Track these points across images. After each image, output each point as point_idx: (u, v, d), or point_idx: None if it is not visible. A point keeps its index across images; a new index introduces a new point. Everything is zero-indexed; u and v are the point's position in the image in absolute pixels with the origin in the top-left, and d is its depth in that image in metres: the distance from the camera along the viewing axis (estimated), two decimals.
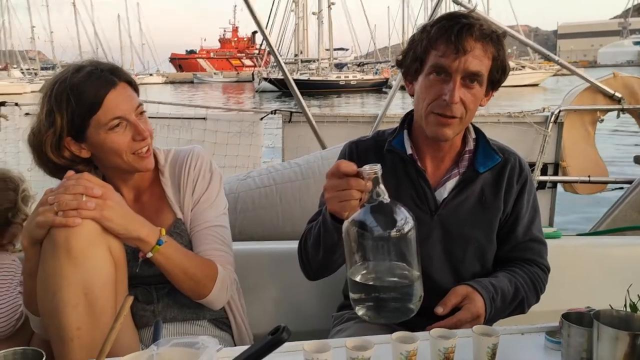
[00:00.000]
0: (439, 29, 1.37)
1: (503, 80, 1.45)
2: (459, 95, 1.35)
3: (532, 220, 1.53)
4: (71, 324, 1.22)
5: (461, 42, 1.33)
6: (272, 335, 0.90)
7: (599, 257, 2.21)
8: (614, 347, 0.97)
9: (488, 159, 1.49)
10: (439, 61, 1.36)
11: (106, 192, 1.28)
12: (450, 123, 1.39)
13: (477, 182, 1.48)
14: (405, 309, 1.12)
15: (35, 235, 1.25)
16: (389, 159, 1.51)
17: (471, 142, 1.52)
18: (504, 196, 1.49)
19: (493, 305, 1.38)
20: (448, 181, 1.49)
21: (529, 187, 1.53)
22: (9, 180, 1.78)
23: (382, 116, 3.42)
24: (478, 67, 1.36)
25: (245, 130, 3.50)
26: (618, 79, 3.45)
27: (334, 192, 1.17)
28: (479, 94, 1.40)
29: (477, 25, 1.34)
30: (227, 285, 1.51)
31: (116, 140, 1.39)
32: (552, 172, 3.53)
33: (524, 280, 1.47)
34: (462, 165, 1.50)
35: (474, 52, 1.34)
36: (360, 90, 39.81)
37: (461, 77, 1.36)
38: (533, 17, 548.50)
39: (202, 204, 1.55)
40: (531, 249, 1.53)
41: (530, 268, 1.51)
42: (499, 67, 1.41)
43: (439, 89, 1.37)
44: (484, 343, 1.11)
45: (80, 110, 1.36)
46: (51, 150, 1.40)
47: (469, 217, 1.47)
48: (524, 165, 1.54)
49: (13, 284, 1.70)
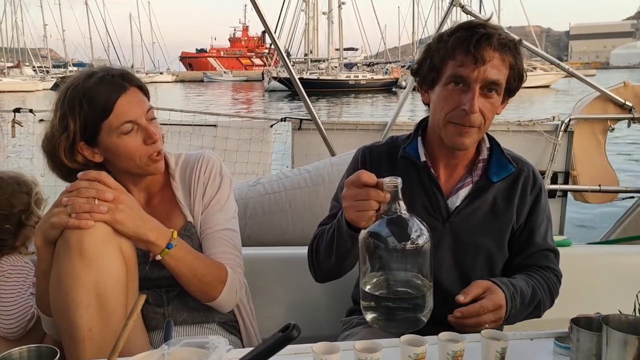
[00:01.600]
0: (457, 39, 1.37)
1: (519, 88, 1.46)
2: (478, 105, 1.36)
3: (547, 230, 1.54)
4: (83, 324, 1.24)
5: (480, 52, 1.33)
6: (282, 333, 0.91)
7: (609, 265, 2.19)
8: (623, 351, 0.98)
9: (502, 168, 1.49)
10: (457, 71, 1.36)
11: (118, 196, 1.30)
12: (469, 132, 1.40)
13: (490, 191, 1.49)
14: (415, 319, 1.14)
15: (48, 236, 1.28)
16: (402, 165, 1.51)
17: (485, 151, 1.52)
18: (517, 206, 1.49)
19: (513, 303, 1.37)
20: (461, 189, 1.49)
21: (543, 197, 1.53)
22: (22, 184, 1.81)
23: (392, 123, 3.43)
24: (497, 76, 1.36)
25: (255, 137, 3.52)
26: (629, 88, 3.43)
27: (353, 202, 1.18)
28: (496, 102, 1.41)
29: (495, 35, 1.35)
30: (237, 288, 1.52)
31: (128, 144, 1.42)
32: (563, 180, 3.51)
33: (541, 285, 1.47)
34: (476, 174, 1.50)
35: (492, 61, 1.35)
36: (370, 90, 39.63)
37: (480, 86, 1.36)
38: (545, 18, 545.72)
39: (212, 207, 1.57)
40: (547, 257, 1.54)
41: (546, 273, 1.51)
42: (516, 76, 1.42)
43: (457, 99, 1.38)
44: (493, 347, 1.11)
45: (92, 114, 1.39)
46: (64, 155, 1.43)
47: (480, 225, 1.47)
48: (537, 175, 1.54)
49: (25, 286, 1.72)
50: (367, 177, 1.17)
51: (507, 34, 1.40)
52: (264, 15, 2.94)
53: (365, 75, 44.39)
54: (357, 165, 1.57)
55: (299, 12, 51.33)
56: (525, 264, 1.53)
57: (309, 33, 54.36)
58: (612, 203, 3.64)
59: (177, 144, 3.38)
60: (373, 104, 29.69)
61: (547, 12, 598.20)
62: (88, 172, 1.32)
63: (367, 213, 1.16)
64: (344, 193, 1.22)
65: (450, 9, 3.20)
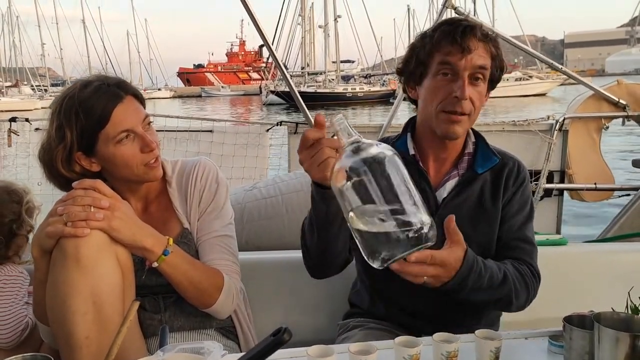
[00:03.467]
0: (442, 33, 1.43)
1: (500, 79, 1.52)
2: (468, 92, 1.41)
3: (524, 223, 1.53)
4: (80, 332, 1.24)
5: (466, 41, 1.39)
6: (273, 337, 0.91)
7: (606, 263, 2.20)
8: (614, 349, 0.98)
9: (486, 160, 1.53)
10: (445, 59, 1.42)
11: (114, 203, 1.31)
12: (460, 120, 1.44)
13: (476, 182, 1.52)
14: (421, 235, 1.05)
15: (44, 245, 1.28)
16: None
17: (471, 145, 1.56)
18: (502, 198, 1.51)
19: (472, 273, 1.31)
20: (447, 182, 1.52)
21: (523, 190, 1.55)
22: (13, 193, 1.81)
23: (388, 126, 3.44)
24: (483, 61, 1.43)
25: (251, 142, 3.53)
26: (622, 86, 3.45)
27: (310, 160, 1.18)
28: (483, 90, 1.47)
29: (478, 27, 1.43)
30: (233, 295, 1.52)
31: (125, 153, 1.42)
32: (558, 179, 3.52)
33: (514, 273, 1.44)
34: (462, 167, 1.54)
35: (477, 50, 1.41)
36: (367, 102, 39.81)
37: (468, 74, 1.41)
38: (539, 27, 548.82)
39: (209, 214, 1.57)
40: (521, 249, 1.51)
41: (520, 266, 1.48)
42: (497, 66, 1.48)
43: (448, 88, 1.42)
44: (487, 347, 1.12)
45: (89, 124, 1.39)
46: (62, 165, 1.43)
47: (468, 217, 1.48)
48: (522, 169, 1.57)
49: (19, 295, 1.73)
50: (314, 133, 1.17)
51: (487, 27, 1.48)
52: (262, 28, 2.95)
53: (363, 87, 44.62)
54: None
55: (295, 26, 51.63)
56: (501, 255, 1.50)
57: (305, 46, 54.56)
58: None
59: (173, 150, 3.38)
60: (370, 116, 29.76)
61: (542, 21, 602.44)
62: (83, 180, 1.32)
63: (327, 162, 1.15)
64: (300, 158, 1.21)
65: (444, 11, 3.22)
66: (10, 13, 64.51)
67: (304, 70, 52.19)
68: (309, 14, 53.90)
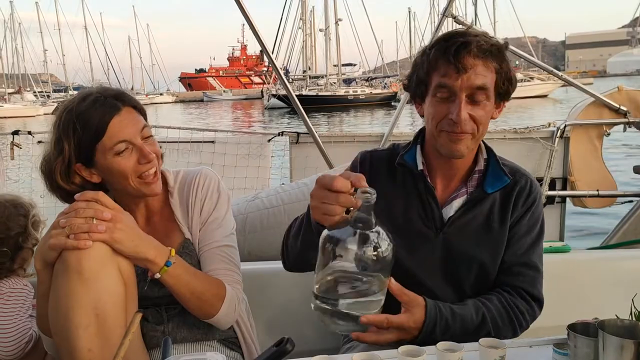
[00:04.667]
0: (437, 51, 1.39)
1: (512, 91, 1.46)
2: (467, 112, 1.37)
3: (531, 245, 1.49)
4: (83, 345, 1.24)
5: (460, 60, 1.34)
6: (276, 347, 0.91)
7: (609, 270, 2.19)
8: (619, 356, 0.98)
9: (497, 180, 1.48)
10: (442, 81, 1.38)
11: (116, 215, 1.31)
12: (462, 138, 1.40)
13: (485, 202, 1.48)
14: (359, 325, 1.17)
15: (47, 258, 1.29)
16: (400, 172, 1.52)
17: (482, 161, 1.51)
18: (511, 218, 1.47)
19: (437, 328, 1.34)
20: (455, 200, 1.48)
21: (533, 210, 1.49)
22: (19, 206, 1.83)
23: (389, 134, 3.44)
24: (482, 81, 1.37)
25: (253, 152, 3.53)
26: (623, 92, 3.44)
27: (320, 203, 1.17)
28: (488, 107, 1.41)
29: (474, 43, 1.35)
30: (235, 305, 1.52)
31: (122, 164, 1.42)
32: (561, 186, 3.51)
33: (498, 311, 1.41)
34: (471, 185, 1.49)
35: (475, 69, 1.35)
36: (369, 105, 39.80)
37: (467, 94, 1.37)
38: (541, 29, 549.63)
39: (210, 224, 1.57)
40: (523, 276, 1.47)
41: (510, 298, 1.44)
42: (504, 79, 1.41)
43: (445, 109, 1.39)
44: (491, 355, 1.11)
45: (86, 136, 1.40)
46: (61, 178, 1.44)
47: (474, 237, 1.46)
48: (534, 188, 1.50)
49: (24, 308, 1.73)
50: (342, 185, 1.14)
51: (490, 39, 1.40)
52: (260, 36, 2.97)
53: (364, 90, 44.66)
54: (357, 168, 1.56)
55: (296, 30, 51.82)
56: (500, 280, 1.48)
57: (306, 50, 54.79)
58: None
59: (175, 161, 3.39)
60: (372, 118, 29.78)
61: (543, 23, 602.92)
62: (85, 192, 1.33)
63: (331, 218, 1.15)
64: (313, 192, 1.20)
65: (443, 20, 3.23)
66: (12, 20, 65.04)
67: (305, 74, 52.31)
68: (309, 18, 54.12)
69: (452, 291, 1.47)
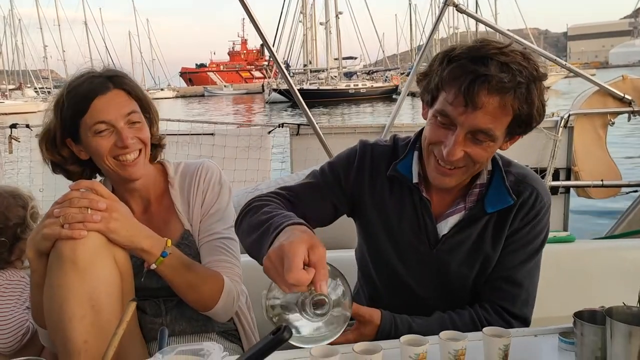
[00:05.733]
0: (453, 71, 1.19)
1: (530, 129, 1.27)
2: (462, 150, 1.22)
3: (522, 262, 1.37)
4: (78, 336, 1.22)
5: (471, 96, 1.15)
6: (273, 335, 0.89)
7: (614, 259, 2.18)
8: (627, 343, 0.96)
9: (499, 199, 1.34)
10: (446, 109, 1.21)
11: (111, 204, 1.29)
12: (452, 174, 1.28)
13: (482, 221, 1.36)
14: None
15: (41, 247, 1.27)
16: (398, 179, 1.41)
17: (485, 175, 1.37)
18: (506, 233, 1.37)
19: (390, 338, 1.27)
20: (451, 216, 1.38)
21: (533, 225, 1.36)
22: (18, 197, 1.82)
23: (390, 126, 3.41)
24: (488, 124, 1.18)
25: (253, 145, 3.51)
26: (627, 81, 3.40)
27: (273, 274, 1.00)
28: (490, 148, 1.24)
29: (495, 79, 1.14)
30: (234, 297, 1.50)
31: (99, 144, 1.42)
32: (565, 177, 3.49)
33: (465, 328, 1.29)
34: (470, 200, 1.37)
35: (486, 108, 1.16)
36: (370, 98, 39.80)
37: (467, 131, 1.21)
38: (542, 20, 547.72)
39: (211, 216, 1.56)
40: (501, 291, 1.37)
41: (484, 315, 1.36)
42: (521, 122, 1.22)
43: (442, 135, 1.24)
44: (495, 344, 1.09)
45: (69, 112, 1.42)
46: (46, 148, 1.46)
47: (467, 254, 1.38)
48: (538, 202, 1.35)
49: (21, 300, 1.72)
50: (297, 281, 0.94)
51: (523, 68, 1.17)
52: (261, 29, 2.94)
53: (365, 83, 44.74)
54: (354, 157, 1.45)
55: (297, 24, 51.80)
56: (481, 292, 1.40)
57: (307, 44, 54.81)
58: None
59: (175, 154, 3.37)
60: (374, 112, 29.78)
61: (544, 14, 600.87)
62: (80, 181, 1.31)
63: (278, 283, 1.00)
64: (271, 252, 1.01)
65: (444, 9, 3.18)
66: (12, 16, 65.11)
67: (306, 68, 52.39)
68: (310, 11, 54.06)
69: (446, 303, 1.41)
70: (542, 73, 1.21)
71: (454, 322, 1.35)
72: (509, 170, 1.38)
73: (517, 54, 1.19)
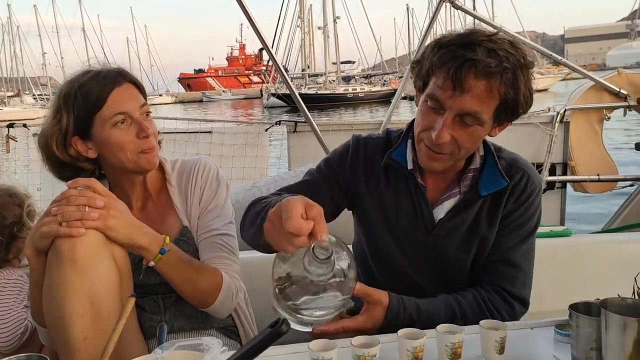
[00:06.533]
0: (442, 56, 1.24)
1: (517, 116, 1.31)
2: (450, 133, 1.26)
3: (517, 244, 1.41)
4: (78, 334, 1.22)
5: (459, 79, 1.20)
6: (271, 328, 0.90)
7: (610, 253, 2.19)
8: (622, 334, 0.96)
9: (492, 182, 1.39)
10: (435, 92, 1.26)
11: (109, 202, 1.29)
12: (439, 158, 1.32)
13: (477, 204, 1.41)
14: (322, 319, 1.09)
15: (39, 246, 1.27)
16: (393, 168, 1.45)
17: (477, 159, 1.42)
18: (500, 215, 1.41)
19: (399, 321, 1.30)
20: (447, 200, 1.42)
21: (527, 207, 1.40)
22: (14, 196, 1.83)
23: (387, 122, 3.42)
24: (475, 107, 1.23)
25: (250, 142, 3.52)
26: (622, 76, 3.41)
27: (274, 233, 1.04)
28: (477, 132, 1.29)
29: (482, 63, 1.19)
30: (233, 294, 1.51)
31: (120, 137, 1.42)
32: (561, 172, 3.50)
33: (470, 308, 1.36)
34: (464, 185, 1.41)
35: (473, 91, 1.21)
36: (368, 102, 39.83)
37: (455, 114, 1.25)
38: (539, 23, 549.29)
39: (209, 212, 1.56)
40: (500, 273, 1.41)
41: (486, 295, 1.39)
42: (508, 107, 1.26)
43: (431, 120, 1.29)
44: (492, 337, 1.10)
45: (85, 106, 1.41)
46: (56, 146, 1.45)
47: (463, 238, 1.41)
48: (529, 185, 1.40)
49: (19, 299, 1.73)
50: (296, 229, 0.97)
51: (511, 54, 1.22)
52: (261, 32, 2.94)
53: (363, 87, 44.81)
54: (347, 152, 1.50)
55: (295, 29, 51.84)
56: (479, 276, 1.43)
57: (305, 48, 54.83)
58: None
59: (172, 152, 3.36)
60: (372, 116, 29.81)
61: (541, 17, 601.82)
62: (77, 179, 1.31)
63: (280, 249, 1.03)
64: (271, 214, 1.06)
65: (440, 6, 3.20)
66: (10, 23, 65.15)
67: (304, 72, 52.45)
68: (307, 16, 54.11)
69: (443, 289, 1.43)
70: (529, 61, 1.26)
71: (459, 302, 1.38)
72: (500, 155, 1.43)
73: (505, 42, 1.24)
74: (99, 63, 1.51)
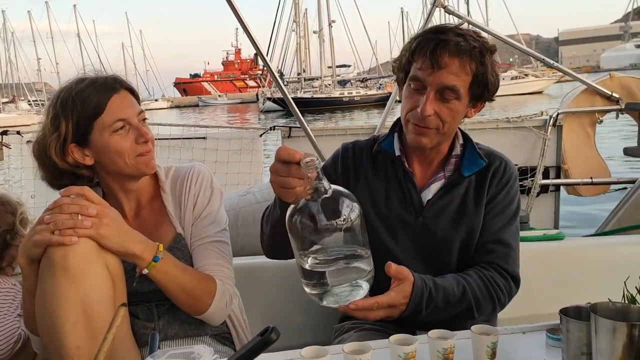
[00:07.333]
0: (419, 43, 1.42)
1: (488, 95, 1.47)
2: (433, 108, 1.40)
3: (506, 224, 1.51)
4: (71, 343, 1.22)
5: (436, 57, 1.37)
6: (261, 336, 0.90)
7: (603, 256, 2.19)
8: (612, 339, 0.97)
9: (473, 163, 1.52)
10: (416, 73, 1.42)
11: (102, 210, 1.29)
12: (426, 133, 1.44)
13: (462, 185, 1.52)
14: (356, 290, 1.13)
15: (32, 254, 1.27)
16: (380, 160, 1.57)
17: (458, 147, 1.56)
18: (486, 197, 1.51)
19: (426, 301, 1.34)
20: (433, 184, 1.53)
21: (508, 190, 1.53)
22: (7, 204, 1.82)
23: (381, 127, 3.43)
24: (453, 81, 1.39)
25: (245, 148, 3.52)
26: (614, 79, 3.44)
27: (277, 176, 1.15)
28: (457, 107, 1.43)
29: (453, 42, 1.37)
30: (227, 301, 1.51)
31: (119, 143, 1.43)
32: (554, 175, 3.51)
33: (477, 285, 1.43)
34: (448, 169, 1.54)
35: (449, 67, 1.38)
36: (364, 106, 39.86)
37: (436, 90, 1.40)
38: (533, 25, 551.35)
39: (203, 219, 1.56)
40: (494, 252, 1.49)
41: (487, 273, 1.46)
42: (480, 83, 1.43)
43: (415, 100, 1.43)
44: (483, 342, 1.11)
45: (85, 113, 1.41)
46: (55, 154, 1.44)
47: (451, 219, 1.50)
48: (508, 168, 1.54)
49: (12, 307, 1.72)
50: (286, 155, 1.12)
51: (476, 39, 1.42)
52: (254, 37, 2.95)
53: (359, 91, 44.76)
54: (337, 159, 1.62)
55: (290, 33, 51.88)
56: (474, 259, 1.50)
57: (300, 52, 54.90)
58: None
59: (167, 158, 3.37)
60: (368, 120, 29.85)
61: (535, 20, 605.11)
62: (70, 188, 1.31)
63: (288, 191, 1.14)
64: (270, 166, 1.18)
65: (433, 10, 3.22)
66: (5, 29, 64.94)
67: (300, 76, 52.47)
68: (303, 20, 54.18)
69: (433, 273, 1.45)
70: (491, 45, 1.45)
71: (466, 279, 1.43)
72: (479, 145, 1.58)
73: (470, 31, 1.44)
74: (93, 70, 1.51)
